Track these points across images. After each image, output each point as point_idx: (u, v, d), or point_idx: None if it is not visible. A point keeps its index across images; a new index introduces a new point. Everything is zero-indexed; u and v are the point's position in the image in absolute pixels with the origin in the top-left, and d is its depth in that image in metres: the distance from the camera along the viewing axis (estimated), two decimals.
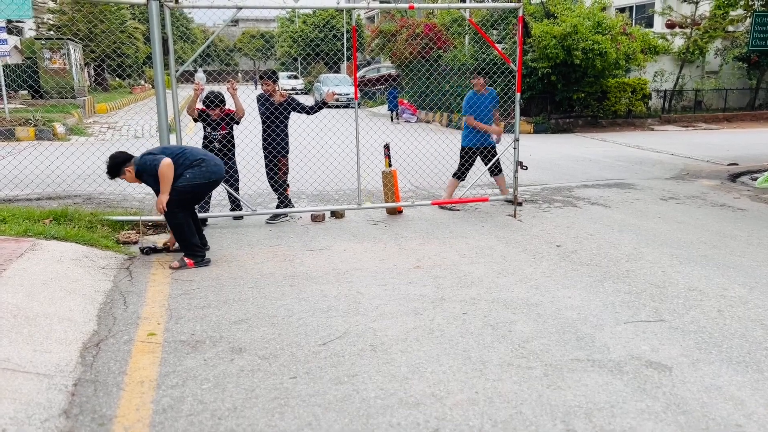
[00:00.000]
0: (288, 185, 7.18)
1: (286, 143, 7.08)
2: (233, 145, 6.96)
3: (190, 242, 5.22)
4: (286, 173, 7.12)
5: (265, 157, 7.09)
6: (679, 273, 5.04)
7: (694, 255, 5.54)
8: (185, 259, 5.19)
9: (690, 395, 3.13)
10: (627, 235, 6.27)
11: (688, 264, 5.28)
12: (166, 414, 2.92)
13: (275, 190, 7.20)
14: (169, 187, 5.03)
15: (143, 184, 5.26)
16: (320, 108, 7.09)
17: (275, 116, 6.94)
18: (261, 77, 7.09)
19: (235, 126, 6.90)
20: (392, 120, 20.52)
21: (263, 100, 7.02)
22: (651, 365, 3.45)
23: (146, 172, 5.08)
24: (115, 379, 3.25)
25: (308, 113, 7.09)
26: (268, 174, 7.16)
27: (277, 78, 7.22)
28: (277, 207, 7.18)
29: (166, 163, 5.00)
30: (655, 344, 3.71)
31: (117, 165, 5.06)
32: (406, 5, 7.21)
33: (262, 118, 7.02)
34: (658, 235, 6.25)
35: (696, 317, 4.13)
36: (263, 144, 7.05)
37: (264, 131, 7.03)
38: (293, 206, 7.29)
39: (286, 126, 7.06)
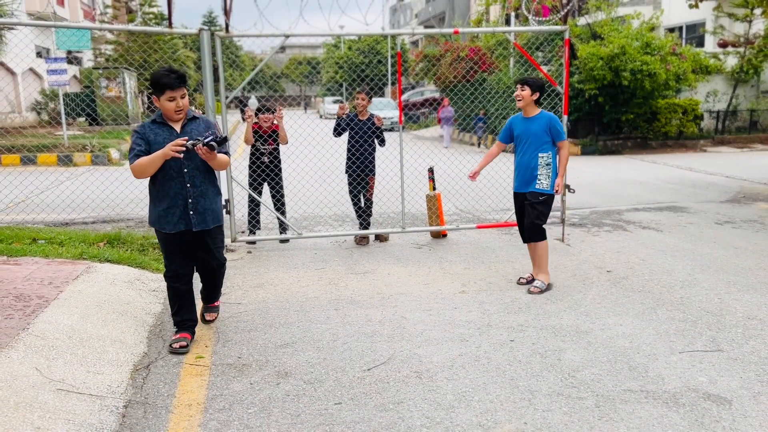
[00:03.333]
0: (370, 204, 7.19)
1: (374, 162, 7.12)
2: (280, 161, 7.03)
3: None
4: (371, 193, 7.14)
5: (353, 177, 7.07)
6: (737, 300, 4.84)
7: (752, 282, 5.32)
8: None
9: (752, 430, 2.97)
10: (681, 260, 6.07)
11: (746, 291, 5.07)
12: None
13: (366, 209, 7.14)
14: None
15: None
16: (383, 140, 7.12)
17: (366, 134, 6.96)
18: (360, 92, 7.11)
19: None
20: (479, 146, 19.98)
21: (356, 120, 7.04)
22: (709, 398, 3.30)
23: None
24: (164, 401, 3.30)
25: (381, 144, 7.08)
26: (351, 192, 7.17)
27: (371, 97, 7.21)
28: (364, 227, 7.16)
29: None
30: (713, 375, 3.55)
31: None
32: (451, 30, 7.25)
33: (351, 133, 7.03)
34: (714, 261, 6.03)
35: (756, 347, 3.94)
36: (348, 163, 7.06)
37: (352, 147, 7.00)
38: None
39: (374, 148, 7.08)
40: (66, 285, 4.67)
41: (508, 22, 20.60)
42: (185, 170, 3.80)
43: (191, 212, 3.85)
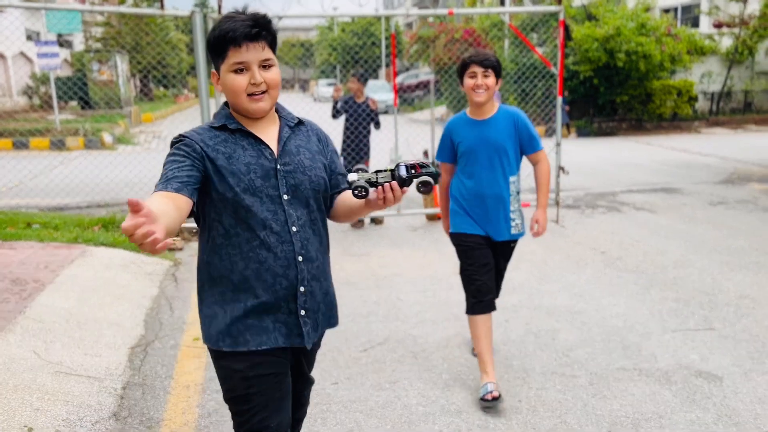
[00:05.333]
0: None
1: (369, 145, 7.15)
2: None
3: None
4: None
5: (347, 159, 7.09)
6: (729, 280, 4.89)
7: (745, 261, 5.36)
8: None
9: (742, 406, 3.02)
10: (674, 241, 6.11)
11: (739, 271, 5.11)
12: (211, 418, 2.97)
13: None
14: None
15: None
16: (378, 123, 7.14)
17: (362, 117, 6.99)
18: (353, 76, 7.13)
19: None
20: (568, 135, 16.91)
21: (351, 102, 7.07)
22: (701, 375, 3.34)
23: None
24: (162, 383, 3.32)
25: (377, 127, 7.12)
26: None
27: (366, 80, 7.23)
28: None
29: None
30: (705, 353, 3.60)
31: None
32: (445, 11, 7.20)
33: (347, 116, 7.04)
34: (707, 241, 6.07)
35: (748, 326, 3.99)
36: (343, 146, 7.10)
37: (348, 129, 7.03)
38: None
39: (369, 131, 7.10)
40: (62, 269, 4.68)
41: (502, 3, 20.46)
42: (293, 228, 1.87)
43: (303, 311, 1.91)
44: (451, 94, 22.74)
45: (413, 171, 1.78)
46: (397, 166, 1.79)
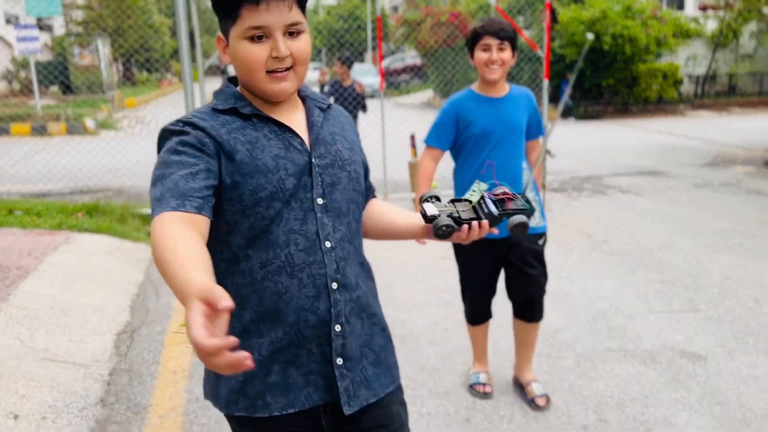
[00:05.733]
0: None
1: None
2: None
3: None
4: None
5: None
6: (714, 262, 4.93)
7: (729, 243, 5.42)
8: None
9: (726, 386, 3.07)
10: (659, 223, 6.16)
11: (723, 253, 5.17)
12: (199, 403, 2.96)
13: None
14: None
15: None
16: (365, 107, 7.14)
17: (349, 101, 6.97)
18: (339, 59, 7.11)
19: None
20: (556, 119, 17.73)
21: (337, 86, 7.02)
22: (685, 355, 3.38)
23: None
24: (148, 368, 3.31)
25: (363, 110, 7.10)
26: None
27: (351, 64, 7.18)
28: None
29: None
30: (690, 334, 3.64)
31: None
32: None
33: (334, 100, 7.03)
34: (692, 224, 6.13)
35: (731, 307, 4.04)
36: None
37: None
38: None
39: (356, 116, 7.06)
40: (45, 256, 4.62)
41: None
42: (327, 243, 1.39)
43: (339, 359, 1.39)
44: (438, 77, 22.67)
45: (503, 207, 1.44)
46: (483, 199, 1.44)
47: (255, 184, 1.29)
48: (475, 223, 1.41)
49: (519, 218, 1.48)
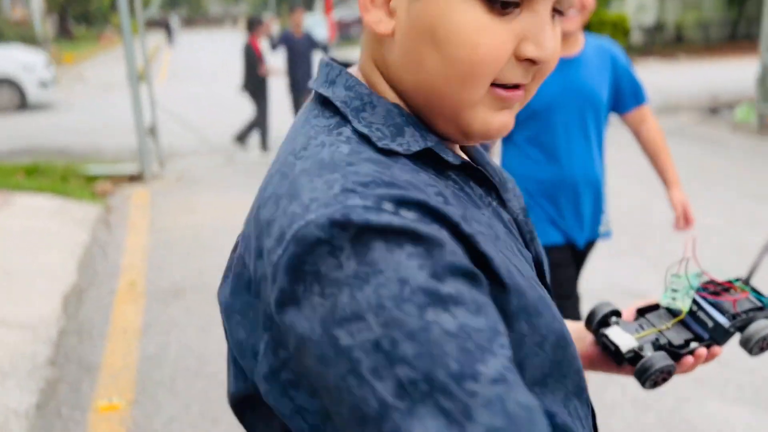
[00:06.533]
0: None
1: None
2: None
3: None
4: None
5: (295, 96, 7.01)
6: (657, 208, 5.10)
7: None
8: None
9: None
10: (607, 170, 6.29)
11: (666, 199, 5.33)
12: (152, 361, 2.94)
13: None
14: None
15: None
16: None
17: (301, 51, 6.82)
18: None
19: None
20: None
21: (290, 36, 6.88)
22: (630, 293, 3.52)
23: None
24: (99, 329, 3.25)
25: (325, 51, 6.98)
26: (295, 111, 7.13)
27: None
28: None
29: None
30: (635, 274, 3.79)
31: None
32: None
33: (288, 53, 6.87)
34: (638, 171, 6.27)
35: (672, 249, 4.20)
36: (289, 81, 6.95)
37: (292, 66, 6.89)
38: None
39: (312, 65, 6.95)
40: None
41: None
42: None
43: None
44: None
45: (731, 312, 0.88)
46: (696, 304, 0.92)
47: (545, 329, 0.59)
48: (701, 350, 0.87)
49: (762, 326, 0.86)
